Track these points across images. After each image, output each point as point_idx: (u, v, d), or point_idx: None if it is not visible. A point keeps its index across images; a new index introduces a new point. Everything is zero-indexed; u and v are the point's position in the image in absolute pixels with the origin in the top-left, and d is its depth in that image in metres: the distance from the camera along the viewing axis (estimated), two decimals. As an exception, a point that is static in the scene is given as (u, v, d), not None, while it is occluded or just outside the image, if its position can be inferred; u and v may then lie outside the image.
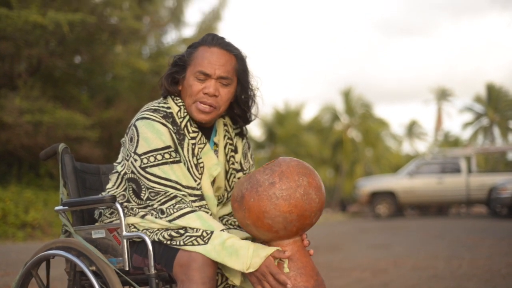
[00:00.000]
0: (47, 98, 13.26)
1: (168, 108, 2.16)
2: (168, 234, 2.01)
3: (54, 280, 4.28)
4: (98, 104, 15.54)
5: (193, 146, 2.16)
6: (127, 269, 2.13)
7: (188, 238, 1.98)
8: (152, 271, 2.05)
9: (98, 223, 2.28)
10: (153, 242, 2.06)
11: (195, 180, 2.14)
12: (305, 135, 33.17)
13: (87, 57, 15.42)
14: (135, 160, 2.09)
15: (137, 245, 2.13)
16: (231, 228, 2.23)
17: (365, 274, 5.70)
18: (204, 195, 2.16)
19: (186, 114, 2.17)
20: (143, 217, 2.11)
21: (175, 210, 2.02)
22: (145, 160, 2.07)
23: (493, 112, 38.77)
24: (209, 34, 2.22)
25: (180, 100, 2.19)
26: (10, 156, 13.61)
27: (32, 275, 2.32)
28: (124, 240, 2.12)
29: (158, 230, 2.05)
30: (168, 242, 2.01)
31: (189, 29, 37.02)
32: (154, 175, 2.06)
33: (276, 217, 1.91)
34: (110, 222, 2.22)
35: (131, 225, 2.14)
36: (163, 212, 2.04)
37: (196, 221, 2.00)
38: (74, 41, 13.93)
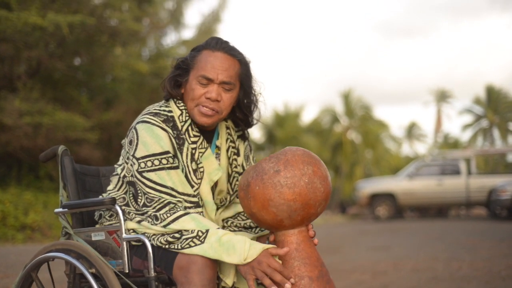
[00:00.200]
0: (46, 100, 13.27)
1: (170, 111, 2.16)
2: (164, 240, 2.01)
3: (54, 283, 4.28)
4: (98, 106, 15.54)
5: (193, 151, 2.15)
6: (127, 271, 2.13)
7: (184, 241, 1.97)
8: (152, 273, 2.05)
9: (98, 225, 2.28)
10: (152, 245, 2.06)
11: (192, 186, 2.13)
12: (304, 137, 33.19)
13: (87, 59, 15.43)
14: (133, 163, 2.09)
15: (137, 247, 2.13)
16: (235, 231, 2.24)
17: (364, 276, 5.70)
18: (203, 200, 2.16)
19: (188, 118, 2.16)
20: (139, 222, 2.11)
21: (169, 215, 2.02)
22: (142, 165, 2.07)
23: (492, 114, 38.79)
24: (213, 37, 2.20)
25: (182, 104, 2.18)
26: (10, 158, 13.61)
27: (32, 277, 2.32)
28: (124, 243, 2.12)
29: (154, 235, 2.05)
30: (166, 247, 2.01)
31: (188, 31, 37.06)
32: (150, 180, 2.05)
33: (281, 205, 1.91)
34: (110, 224, 2.22)
35: (130, 229, 2.14)
36: (157, 219, 2.03)
37: (190, 222, 1.99)
38: (73, 43, 13.94)
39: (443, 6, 79.66)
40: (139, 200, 2.10)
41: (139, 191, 2.09)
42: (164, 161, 2.07)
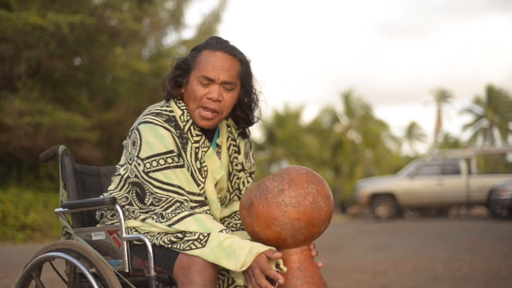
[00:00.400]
0: (46, 100, 13.26)
1: (171, 111, 2.15)
2: (168, 239, 2.01)
3: (54, 282, 4.28)
4: (98, 105, 15.54)
5: (196, 150, 2.15)
6: (127, 271, 2.13)
7: (186, 242, 1.97)
8: (152, 273, 2.05)
9: (99, 225, 2.28)
10: (153, 244, 2.06)
11: (198, 184, 2.13)
12: (305, 137, 33.17)
13: (87, 58, 15.43)
14: (138, 164, 2.08)
15: (137, 247, 2.13)
16: (233, 231, 2.23)
17: (365, 276, 5.70)
18: (208, 199, 2.16)
19: (189, 117, 2.16)
20: (143, 220, 2.11)
21: (174, 215, 2.02)
22: (148, 165, 2.06)
23: (492, 114, 38.78)
24: (213, 37, 2.20)
25: (183, 104, 2.18)
26: (10, 158, 13.61)
27: (32, 277, 2.32)
28: (124, 242, 2.12)
29: (158, 234, 2.05)
30: (168, 246, 2.01)
31: (189, 31, 37.04)
32: (157, 180, 2.05)
33: (285, 224, 1.90)
34: (112, 224, 2.22)
35: (132, 228, 2.14)
36: (163, 217, 2.03)
37: (193, 224, 1.99)
38: (73, 42, 13.94)
39: (443, 6, 79.69)
40: (146, 200, 2.10)
41: (146, 191, 2.09)
42: (169, 160, 2.07)
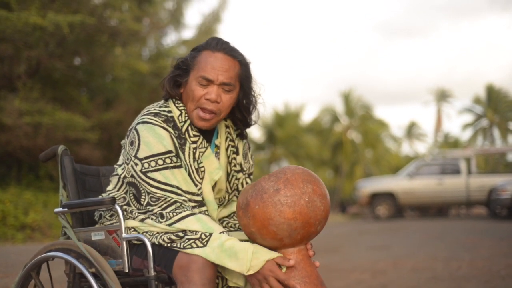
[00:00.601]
0: (46, 100, 13.26)
1: (169, 112, 2.16)
2: (167, 238, 2.01)
3: (53, 282, 4.28)
4: (98, 105, 15.53)
5: (194, 150, 2.15)
6: (127, 271, 2.13)
7: (187, 241, 1.97)
8: (152, 273, 2.05)
9: (98, 225, 2.28)
10: (153, 244, 2.06)
11: (196, 185, 2.13)
12: (305, 137, 33.17)
13: (87, 58, 15.42)
14: (136, 164, 2.08)
15: (136, 247, 2.13)
16: (231, 231, 2.23)
17: (364, 275, 5.70)
18: (204, 199, 2.16)
19: (187, 118, 2.16)
20: (142, 220, 2.11)
21: (174, 214, 2.02)
22: (146, 165, 2.07)
23: (492, 114, 38.79)
24: (213, 38, 2.20)
25: (181, 104, 2.18)
26: (10, 158, 13.60)
27: (32, 277, 2.32)
28: (124, 242, 2.12)
29: (158, 233, 2.05)
30: (168, 245, 2.01)
31: (189, 31, 37.03)
32: (155, 180, 2.05)
33: (281, 224, 1.90)
34: (111, 224, 2.22)
35: (131, 228, 2.14)
36: (163, 217, 2.04)
37: (195, 223, 1.99)
38: (73, 42, 13.93)
39: (443, 6, 79.70)
40: (142, 200, 2.10)
41: (142, 191, 2.09)
42: (168, 160, 2.07)
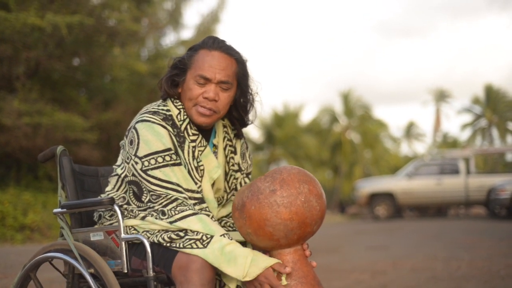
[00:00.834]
0: (45, 101, 13.25)
1: (168, 110, 2.16)
2: (168, 236, 2.01)
3: (53, 283, 4.28)
4: (97, 106, 15.53)
5: (193, 149, 2.15)
6: (126, 271, 2.13)
7: (187, 241, 1.97)
8: (151, 273, 2.05)
9: (97, 225, 2.28)
10: (152, 244, 2.06)
11: (195, 183, 2.13)
12: (303, 137, 33.16)
13: (86, 59, 15.41)
14: (136, 163, 2.09)
15: (135, 247, 2.13)
16: (230, 230, 2.23)
17: (364, 275, 5.70)
18: (204, 198, 2.16)
19: (186, 117, 2.17)
20: (143, 218, 2.10)
21: (176, 212, 2.02)
22: (146, 163, 2.07)
23: (491, 114, 38.81)
24: (210, 37, 2.20)
25: (179, 103, 2.18)
26: (9, 159, 13.60)
27: (31, 277, 2.32)
28: (123, 243, 2.12)
29: (158, 231, 2.05)
30: (167, 244, 2.01)
31: (187, 31, 36.99)
32: (155, 178, 2.05)
33: (277, 224, 1.90)
34: (110, 224, 2.22)
35: (131, 227, 2.13)
36: (164, 214, 2.04)
37: (197, 224, 1.99)
38: (72, 43, 13.92)
39: (441, 6, 79.71)
40: (143, 197, 2.10)
41: (143, 189, 2.09)
42: (167, 158, 2.07)
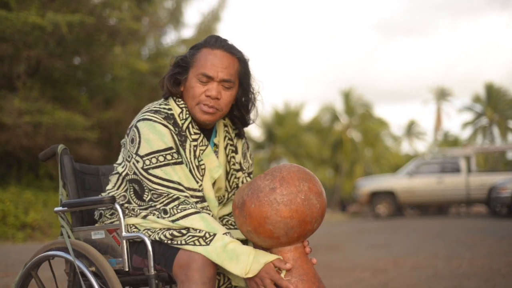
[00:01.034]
0: (46, 99, 13.26)
1: (170, 109, 2.16)
2: (169, 234, 2.01)
3: (53, 282, 4.28)
4: (98, 105, 15.53)
5: (194, 148, 2.15)
6: (127, 269, 2.13)
7: (190, 238, 1.98)
8: (152, 271, 2.05)
9: (98, 224, 2.28)
10: (153, 242, 2.06)
11: (196, 181, 2.13)
12: (304, 136, 33.16)
13: (86, 58, 15.41)
14: (137, 161, 2.09)
15: (136, 245, 2.13)
16: (231, 229, 2.23)
17: (365, 274, 5.70)
18: (205, 197, 2.16)
19: (188, 115, 2.17)
20: (145, 217, 2.10)
21: (178, 211, 2.02)
22: (147, 162, 2.07)
23: (492, 112, 38.79)
24: (212, 35, 2.21)
25: (182, 102, 2.18)
26: (10, 157, 13.60)
27: (32, 276, 2.32)
28: (124, 241, 2.12)
29: (160, 229, 2.05)
30: (169, 242, 2.01)
31: (188, 30, 37.09)
32: (157, 177, 2.05)
33: (277, 222, 1.90)
34: (111, 223, 2.22)
35: (132, 225, 2.13)
36: (166, 212, 2.04)
37: (199, 222, 1.99)
38: (73, 42, 13.93)
39: (442, 4, 79.65)
40: (145, 196, 2.10)
41: (145, 188, 2.09)
42: (168, 157, 2.07)
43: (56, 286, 2.31)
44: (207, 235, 1.97)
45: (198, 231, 1.98)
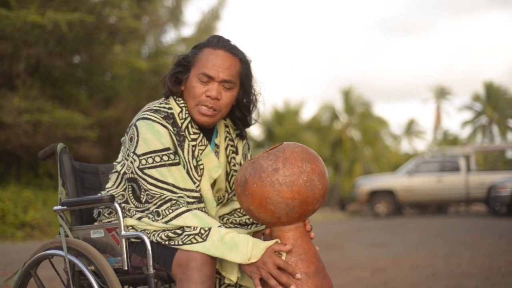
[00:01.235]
0: (46, 98, 13.26)
1: (170, 108, 2.15)
2: (165, 235, 2.00)
3: (53, 280, 4.28)
4: (97, 103, 15.53)
5: (193, 148, 2.15)
6: (126, 268, 2.13)
7: (186, 237, 1.97)
8: (151, 270, 2.05)
9: (97, 223, 2.28)
10: (152, 242, 2.06)
11: (194, 182, 2.13)
12: (304, 134, 33.15)
13: (86, 56, 15.41)
14: (134, 160, 2.09)
15: (136, 244, 2.13)
16: (231, 227, 2.23)
17: (364, 273, 5.70)
18: (203, 197, 2.15)
19: (187, 115, 2.16)
20: (139, 219, 2.10)
21: (170, 211, 2.01)
22: (143, 161, 2.07)
23: (491, 111, 38.78)
24: (215, 36, 2.20)
25: (182, 101, 2.18)
26: (9, 156, 13.61)
27: (31, 275, 2.32)
28: (123, 240, 2.12)
29: (155, 231, 2.05)
30: (166, 243, 2.01)
31: (188, 28, 37.03)
32: (152, 177, 2.05)
33: (279, 203, 1.90)
34: (109, 221, 2.22)
35: (129, 226, 2.13)
36: (159, 214, 2.03)
37: (192, 219, 1.99)
38: (73, 40, 13.93)
39: (442, 3, 79.64)
40: (141, 197, 2.10)
41: (142, 188, 2.09)
42: (165, 157, 2.07)
43: (62, 282, 2.30)
44: (202, 231, 1.96)
45: (192, 228, 1.98)
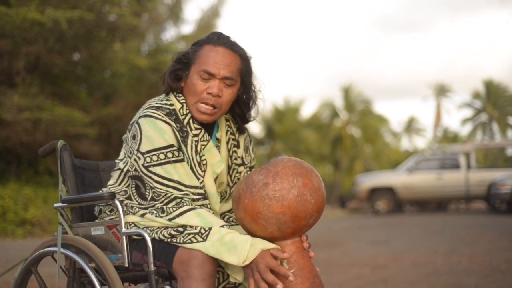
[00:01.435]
0: (45, 95, 13.25)
1: (171, 105, 2.15)
2: (168, 233, 2.00)
3: (54, 277, 4.28)
4: (97, 101, 15.54)
5: (196, 143, 2.15)
6: (127, 265, 2.13)
7: (187, 236, 1.97)
8: (152, 267, 2.05)
9: (98, 220, 2.28)
10: (153, 239, 2.06)
11: (198, 178, 2.13)
12: (304, 132, 33.17)
13: (86, 54, 15.40)
14: (138, 158, 2.08)
15: (136, 242, 2.13)
16: (232, 225, 2.23)
17: (364, 270, 5.70)
18: (207, 192, 2.15)
19: (188, 111, 2.16)
20: (143, 216, 2.10)
21: (175, 209, 2.01)
22: (148, 159, 2.06)
23: (491, 108, 38.78)
24: (215, 32, 2.20)
25: (182, 97, 2.17)
26: (9, 154, 13.61)
27: (32, 272, 2.32)
28: (124, 237, 2.12)
29: (158, 228, 2.05)
30: (168, 240, 2.01)
31: (188, 26, 36.93)
32: (157, 175, 2.05)
33: (269, 218, 1.89)
34: (110, 219, 2.21)
35: (131, 223, 2.13)
36: (163, 211, 2.03)
37: (195, 218, 1.99)
38: (72, 38, 13.91)
39: (442, 1, 79.66)
40: (147, 194, 2.09)
41: (146, 185, 2.08)
42: (169, 154, 2.06)
43: (67, 277, 2.29)
44: (203, 231, 1.96)
45: (194, 227, 1.97)
